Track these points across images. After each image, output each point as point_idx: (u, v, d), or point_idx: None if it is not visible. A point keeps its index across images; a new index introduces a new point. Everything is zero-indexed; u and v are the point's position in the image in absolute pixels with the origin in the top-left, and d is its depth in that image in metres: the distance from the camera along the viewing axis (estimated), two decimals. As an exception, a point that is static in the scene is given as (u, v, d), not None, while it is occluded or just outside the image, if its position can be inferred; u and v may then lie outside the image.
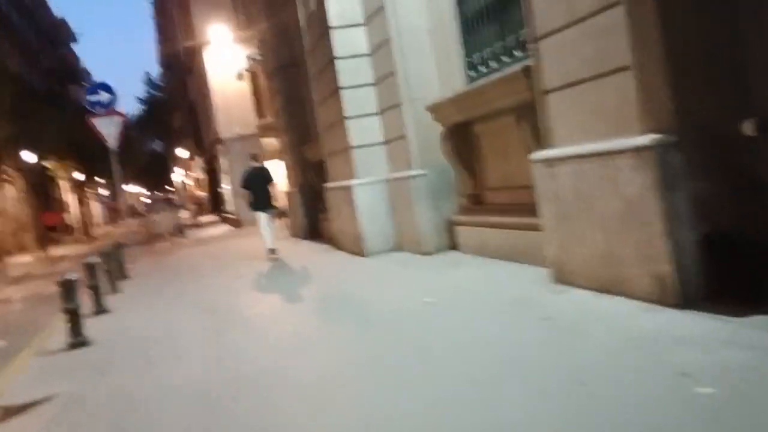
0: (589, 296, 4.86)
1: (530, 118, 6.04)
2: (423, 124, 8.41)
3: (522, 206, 6.65)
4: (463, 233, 8.08)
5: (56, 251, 25.63)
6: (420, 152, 8.50)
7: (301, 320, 6.03)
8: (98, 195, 58.92)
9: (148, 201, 46.96)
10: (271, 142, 23.46)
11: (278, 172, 20.81)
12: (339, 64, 9.44)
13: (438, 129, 8.17)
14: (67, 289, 6.57)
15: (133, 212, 54.92)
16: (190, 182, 57.81)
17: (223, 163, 26.90)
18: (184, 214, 32.19)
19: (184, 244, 20.28)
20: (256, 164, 12.30)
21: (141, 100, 73.05)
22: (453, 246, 8.38)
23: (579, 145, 4.90)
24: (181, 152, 48.88)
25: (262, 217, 11.74)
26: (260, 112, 24.29)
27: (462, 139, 7.82)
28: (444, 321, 5.02)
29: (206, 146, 33.92)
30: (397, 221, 9.30)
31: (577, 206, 4.96)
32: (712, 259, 4.14)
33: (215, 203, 36.69)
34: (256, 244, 14.33)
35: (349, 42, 9.42)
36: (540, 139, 5.72)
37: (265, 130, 23.48)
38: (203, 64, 25.87)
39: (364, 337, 5.03)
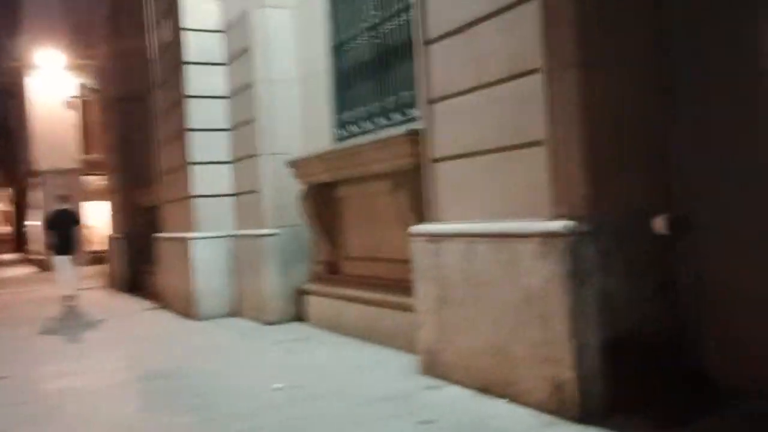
0: (470, 396, 4.24)
1: (410, 187, 5.48)
2: (280, 180, 7.63)
3: (387, 282, 6.03)
4: (314, 304, 7.28)
5: None
6: (274, 210, 7.68)
7: (119, 409, 4.78)
8: None
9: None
10: (94, 181, 21.46)
11: (101, 214, 18.95)
12: (190, 104, 8.47)
13: (296, 187, 7.42)
14: None
15: None
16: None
17: (34, 197, 24.13)
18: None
19: (-24, 284, 17.54)
20: (64, 205, 11.82)
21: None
22: (300, 317, 7.54)
23: (473, 222, 4.36)
24: (-12, 180, 43.82)
25: (62, 260, 11.20)
26: (87, 146, 22.22)
27: (324, 200, 7.12)
28: (304, 421, 4.12)
29: (18, 177, 30.51)
30: (239, 283, 8.31)
31: (464, 291, 4.38)
32: (617, 367, 3.69)
33: (20, 241, 32.92)
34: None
35: (205, 81, 8.50)
36: (420, 211, 5.16)
37: (90, 167, 21.47)
38: (26, 88, 23.33)
39: None
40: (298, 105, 7.76)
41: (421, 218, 5.09)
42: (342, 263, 7.06)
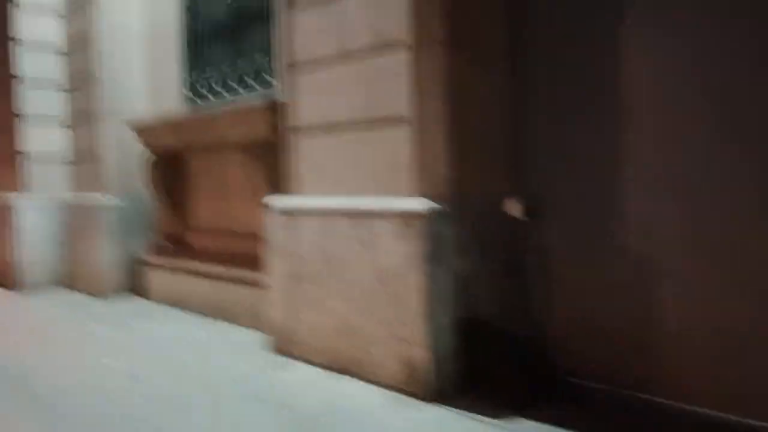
0: (323, 376, 4.14)
1: (266, 159, 5.26)
2: (123, 144, 7.07)
3: (237, 256, 5.78)
4: (155, 278, 6.85)
5: None
6: (114, 176, 7.10)
7: None
8: None
9: None
10: None
11: None
12: (21, 50, 7.61)
13: (142, 151, 6.91)
14: None
15: None
16: None
17: None
18: None
19: None
20: None
21: None
22: (138, 291, 7.08)
23: (331, 198, 4.23)
24: None
25: None
26: None
27: (171, 168, 6.68)
28: (144, 408, 3.82)
29: None
30: (70, 253, 7.65)
31: (318, 269, 4.26)
32: (468, 348, 3.74)
33: None
34: None
35: (38, 27, 7.67)
36: (276, 185, 4.96)
37: None
38: None
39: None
40: (144, 63, 7.21)
41: (276, 192, 4.89)
42: (188, 236, 6.68)
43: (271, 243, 4.68)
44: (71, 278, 7.65)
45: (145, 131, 6.73)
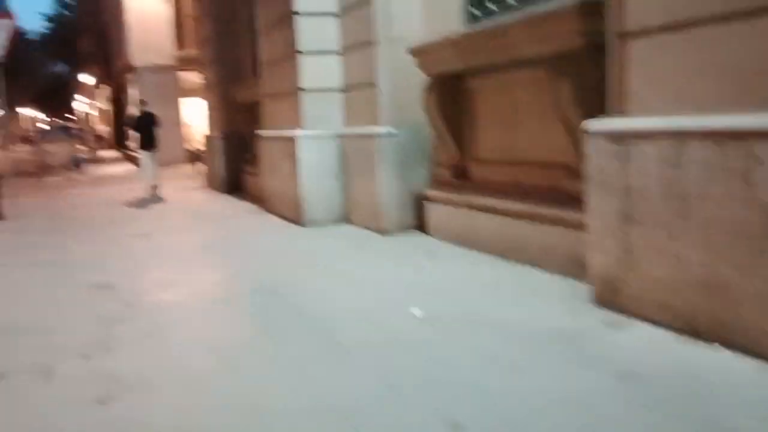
0: (670, 339, 3.34)
1: (575, 74, 4.44)
2: (399, 71, 6.67)
3: (533, 190, 5.10)
4: (437, 213, 6.44)
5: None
6: (391, 105, 6.76)
7: (228, 332, 4.16)
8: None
9: (45, 128, 42.25)
10: (189, 78, 21.04)
11: (198, 112, 18.58)
12: (296, -17, 7.50)
13: (418, 79, 6.44)
14: None
15: (26, 138, 50.12)
16: (93, 112, 53.42)
17: (132, 94, 24.04)
18: (83, 147, 28.82)
19: (79, 181, 17.70)
20: (145, 109, 13.18)
21: (47, 17, 66.87)
22: (419, 226, 6.75)
23: (685, 116, 3.31)
24: (86, 78, 44.61)
25: (146, 155, 12.67)
26: (181, 41, 21.67)
27: (451, 93, 6.13)
28: (451, 362, 3.33)
29: (115, 74, 30.66)
30: (350, 188, 7.55)
31: (664, 206, 3.40)
32: None
33: (119, 138, 33.50)
34: (167, 192, 12.31)
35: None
36: (588, 104, 4.14)
37: (184, 63, 20.97)
38: (120, -20, 22.79)
39: (334, 378, 3.31)
40: (421, -18, 6.68)
41: (588, 112, 4.07)
42: (472, 167, 6.13)
43: (591, 175, 3.89)
44: (350, 213, 7.58)
45: (422, 54, 6.22)
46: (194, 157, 17.84)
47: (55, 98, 66.98)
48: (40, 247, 7.34)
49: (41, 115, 73.65)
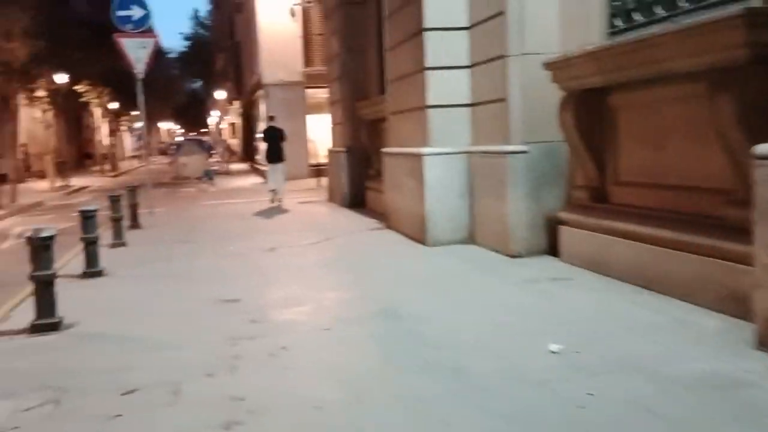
0: None
1: (738, 90, 3.98)
2: (532, 86, 6.36)
3: (684, 216, 4.64)
4: (572, 237, 6.04)
5: (77, 181, 23.97)
6: (523, 122, 6.45)
7: (353, 359, 3.98)
8: (132, 128, 57.39)
9: (180, 140, 44.91)
10: (314, 95, 21.53)
11: (322, 127, 18.94)
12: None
13: (553, 94, 6.11)
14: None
15: (164, 150, 53.36)
16: (225, 126, 56.11)
17: (262, 109, 24.95)
18: (215, 159, 30.28)
19: (211, 192, 18.48)
20: (272, 123, 14.24)
21: (185, 37, 71.28)
22: (551, 250, 6.38)
23: None
24: (220, 94, 47.00)
25: (272, 168, 13.63)
26: (308, 59, 22.23)
27: (591, 110, 5.74)
28: (601, 417, 2.97)
29: (246, 91, 32.00)
30: (477, 207, 7.29)
31: None
32: None
33: (248, 151, 34.86)
34: (291, 205, 12.55)
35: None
36: (754, 123, 3.69)
37: (311, 80, 21.49)
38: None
39: (465, 423, 3.05)
40: (556, -9, 6.35)
41: (753, 133, 3.63)
42: (612, 189, 5.71)
43: (760, 205, 3.44)
44: (477, 233, 7.31)
45: (559, 68, 5.87)
46: (318, 171, 18.17)
47: (191, 113, 71.08)
48: (172, 259, 7.58)
49: (178, 129, 78.40)
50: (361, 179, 12.06)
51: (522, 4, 6.35)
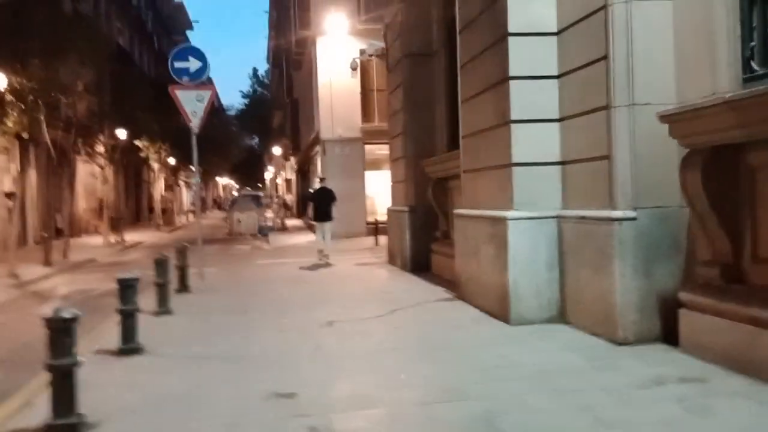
0: None
1: None
2: (643, 141, 5.43)
3: None
4: (696, 323, 4.96)
5: (132, 237, 23.68)
6: (631, 183, 5.47)
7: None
8: (189, 183, 58.06)
9: (237, 195, 45.01)
10: (372, 151, 20.94)
11: (381, 184, 18.22)
12: (513, 43, 6.50)
13: (669, 151, 5.14)
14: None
15: (220, 205, 53.61)
16: (280, 182, 56.26)
17: (318, 165, 24.48)
18: (270, 215, 29.85)
19: (265, 250, 17.79)
20: (323, 184, 14.60)
21: (244, 95, 72.75)
22: (666, 337, 5.30)
23: None
24: (276, 150, 47.18)
25: (321, 226, 13.84)
26: (366, 114, 21.73)
27: (723, 169, 4.73)
28: None
29: (302, 147, 31.78)
30: (570, 281, 6.26)
31: None
32: None
33: (303, 207, 34.47)
34: (349, 267, 11.68)
35: (531, 13, 6.48)
36: None
37: (369, 136, 20.94)
38: (314, 56, 23.47)
39: None
40: (671, 34, 5.43)
41: None
42: (753, 267, 4.64)
43: None
44: (570, 311, 6.26)
45: (682, 120, 4.89)
46: (376, 229, 17.36)
47: (248, 168, 71.88)
48: (219, 334, 6.68)
49: (234, 184, 79.33)
50: (426, 241, 11.12)
51: (630, 47, 5.44)
